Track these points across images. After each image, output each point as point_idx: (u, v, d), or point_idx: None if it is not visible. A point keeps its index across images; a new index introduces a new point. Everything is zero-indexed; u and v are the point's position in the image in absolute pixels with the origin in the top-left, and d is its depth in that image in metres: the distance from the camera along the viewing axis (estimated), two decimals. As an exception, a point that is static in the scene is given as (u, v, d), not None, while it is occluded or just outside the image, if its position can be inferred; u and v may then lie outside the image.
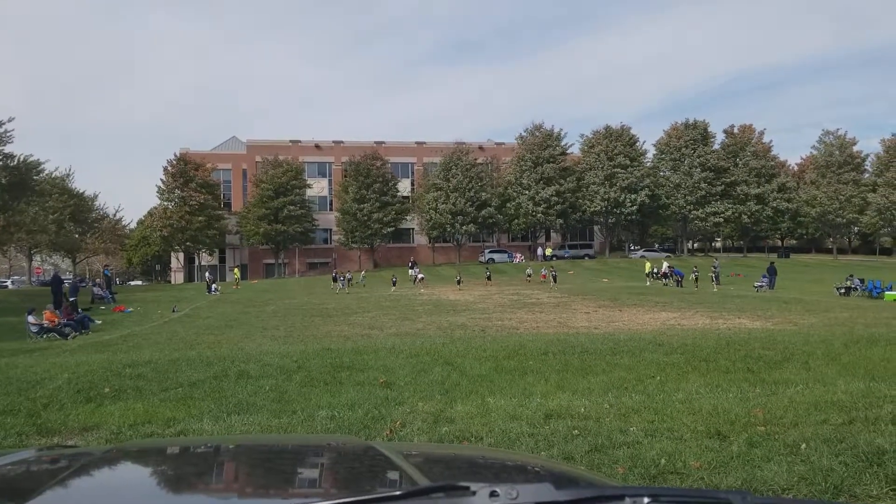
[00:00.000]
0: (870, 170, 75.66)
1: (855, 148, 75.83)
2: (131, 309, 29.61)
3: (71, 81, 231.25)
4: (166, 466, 2.11)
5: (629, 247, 77.49)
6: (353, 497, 0.98)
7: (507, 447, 5.97)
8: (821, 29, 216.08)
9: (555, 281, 41.90)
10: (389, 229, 67.70)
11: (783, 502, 1.01)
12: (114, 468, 1.98)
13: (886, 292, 33.91)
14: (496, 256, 68.02)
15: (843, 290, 35.97)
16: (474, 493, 0.96)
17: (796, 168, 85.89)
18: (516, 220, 69.87)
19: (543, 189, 67.74)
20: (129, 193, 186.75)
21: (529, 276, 46.94)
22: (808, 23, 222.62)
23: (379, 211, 65.96)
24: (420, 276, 45.33)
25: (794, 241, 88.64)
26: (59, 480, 1.70)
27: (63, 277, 37.32)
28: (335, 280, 42.35)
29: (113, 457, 2.11)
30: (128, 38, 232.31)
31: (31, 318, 20.86)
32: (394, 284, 41.20)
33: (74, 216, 64.28)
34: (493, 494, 0.95)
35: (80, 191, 67.77)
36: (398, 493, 1.00)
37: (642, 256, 67.25)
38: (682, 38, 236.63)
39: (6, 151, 43.98)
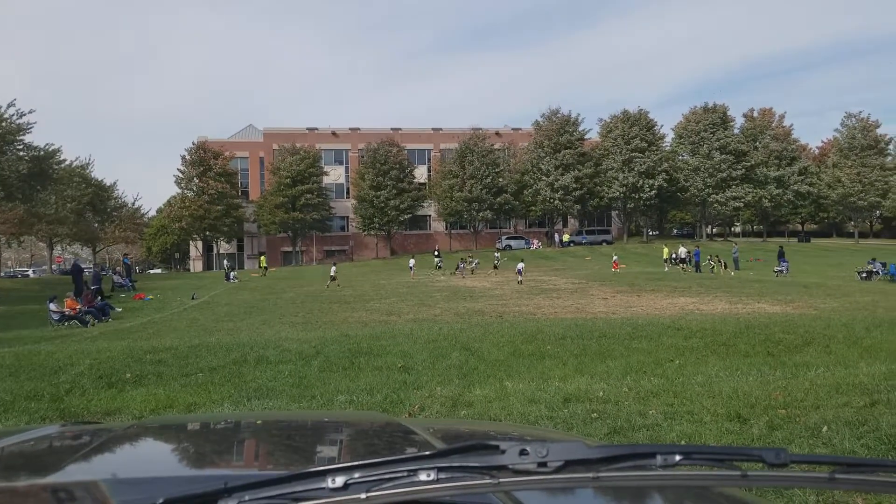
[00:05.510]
0: (893, 153, 74.56)
1: (878, 131, 74.71)
2: (151, 296, 29.86)
3: (86, 71, 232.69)
4: (189, 441, 2.12)
5: (647, 232, 76.88)
6: (384, 458, 0.97)
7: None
8: (843, 12, 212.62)
9: (495, 268, 37.95)
10: (406, 216, 67.77)
11: (820, 459, 0.97)
12: (136, 442, 2.00)
13: (909, 276, 33.45)
14: (513, 243, 67.83)
15: (864, 275, 35.51)
16: (504, 451, 0.95)
17: (818, 152, 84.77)
18: (533, 207, 69.62)
19: (562, 175, 67.35)
20: (147, 182, 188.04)
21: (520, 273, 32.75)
22: (830, 6, 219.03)
23: (395, 198, 65.96)
24: (464, 264, 41.30)
25: (815, 226, 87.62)
26: (83, 454, 1.72)
27: (83, 266, 37.68)
28: (411, 268, 40.98)
29: (135, 432, 2.12)
30: (142, 27, 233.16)
31: (52, 306, 21.09)
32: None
33: (93, 205, 64.72)
34: (522, 452, 0.94)
35: (99, 179, 68.23)
36: (428, 452, 0.99)
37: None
38: (700, 24, 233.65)
39: (27, 142, 44.24)
